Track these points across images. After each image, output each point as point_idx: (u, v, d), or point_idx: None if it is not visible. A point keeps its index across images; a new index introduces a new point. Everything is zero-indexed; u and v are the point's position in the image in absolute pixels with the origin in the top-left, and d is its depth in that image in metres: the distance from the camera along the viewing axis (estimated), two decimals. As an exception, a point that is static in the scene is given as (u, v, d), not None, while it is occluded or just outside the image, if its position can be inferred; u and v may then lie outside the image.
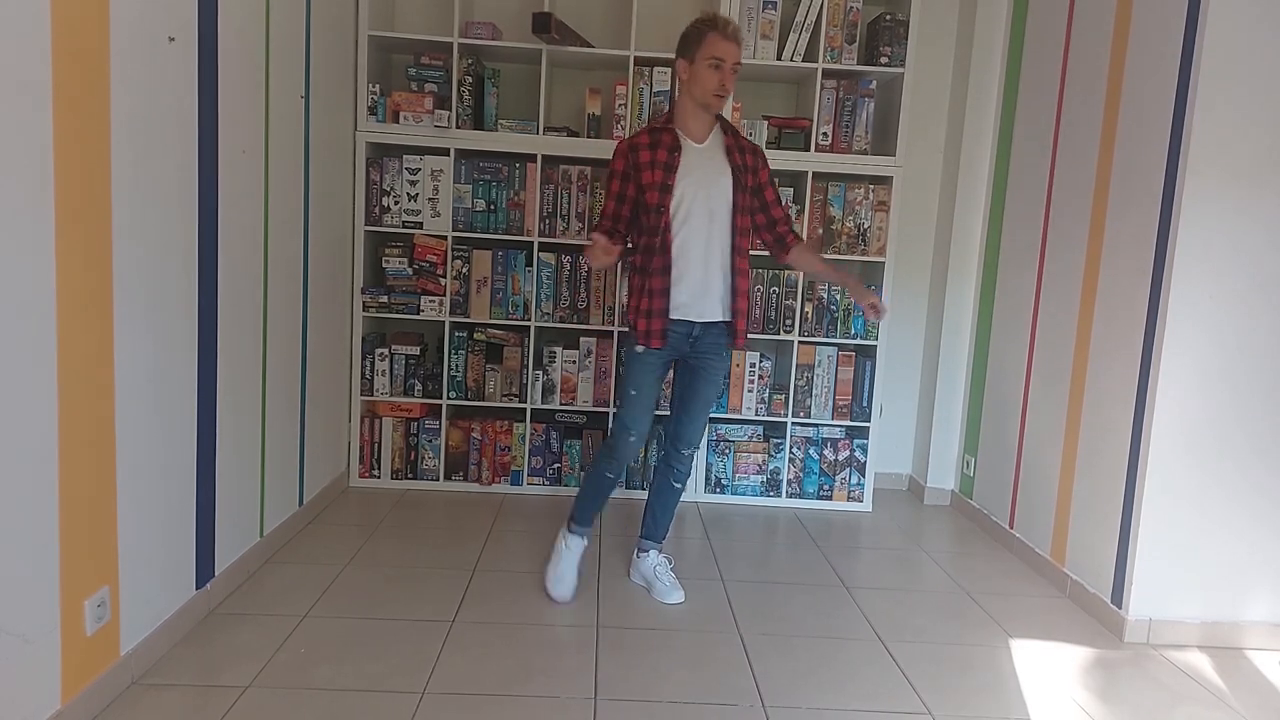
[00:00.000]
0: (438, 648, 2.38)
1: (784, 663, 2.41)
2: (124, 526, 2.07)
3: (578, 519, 2.76)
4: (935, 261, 3.99)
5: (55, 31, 1.74)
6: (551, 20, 3.36)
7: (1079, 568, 2.95)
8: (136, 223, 2.05)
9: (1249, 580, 2.67)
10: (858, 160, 3.63)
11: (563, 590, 2.71)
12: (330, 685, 2.17)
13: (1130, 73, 2.81)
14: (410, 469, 3.73)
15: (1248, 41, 2.46)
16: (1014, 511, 3.41)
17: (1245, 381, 2.59)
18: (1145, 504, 2.63)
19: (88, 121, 1.86)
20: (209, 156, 2.38)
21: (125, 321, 2.02)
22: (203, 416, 2.42)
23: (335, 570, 2.84)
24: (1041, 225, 3.31)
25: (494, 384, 3.70)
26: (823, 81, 3.58)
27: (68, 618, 1.88)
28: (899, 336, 4.02)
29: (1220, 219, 2.53)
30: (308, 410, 3.21)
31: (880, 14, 3.60)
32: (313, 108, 3.09)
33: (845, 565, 3.15)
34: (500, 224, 3.65)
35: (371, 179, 3.59)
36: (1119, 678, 2.46)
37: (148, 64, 2.07)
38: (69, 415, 1.84)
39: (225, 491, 2.57)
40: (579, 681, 2.26)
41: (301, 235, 3.07)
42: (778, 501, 3.79)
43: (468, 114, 3.57)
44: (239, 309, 2.60)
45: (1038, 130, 3.37)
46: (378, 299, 3.63)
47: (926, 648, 2.55)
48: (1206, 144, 2.49)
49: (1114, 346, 2.82)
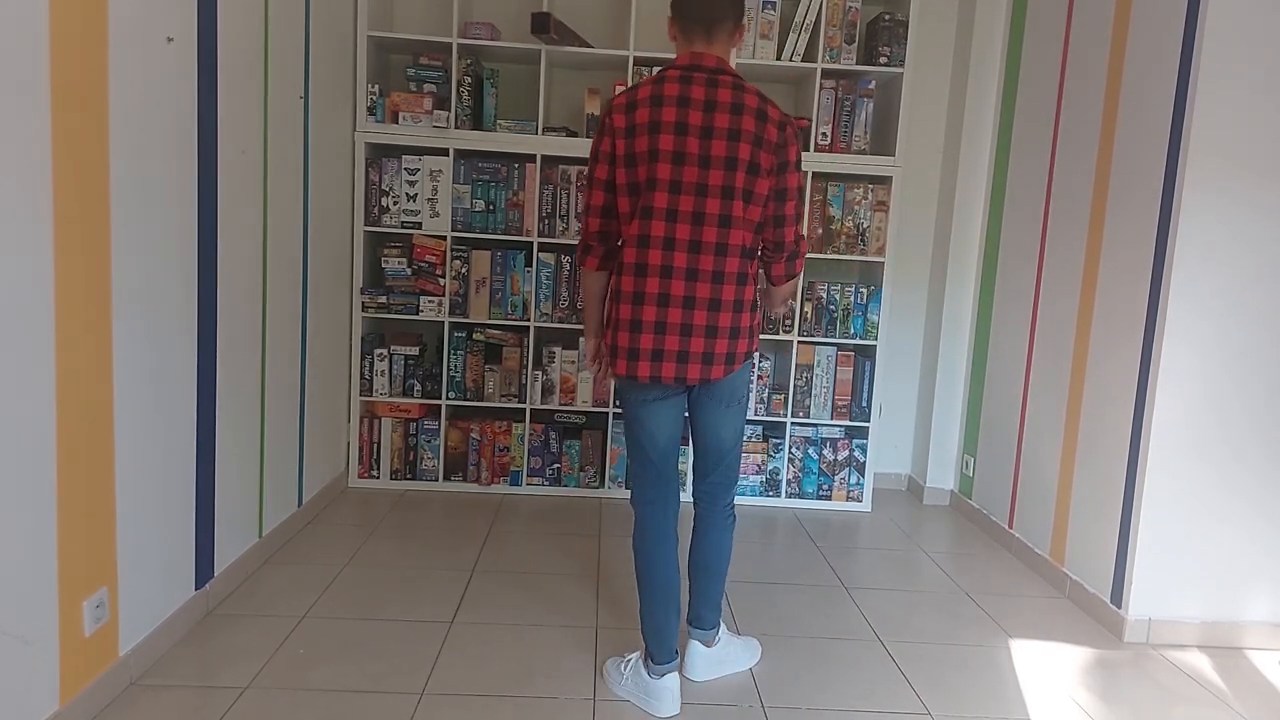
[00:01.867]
0: (437, 648, 2.38)
1: (784, 663, 2.41)
2: (123, 527, 2.07)
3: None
4: (934, 261, 3.99)
5: (54, 32, 1.74)
6: (550, 20, 3.36)
7: (1078, 567, 2.95)
8: (135, 223, 2.05)
9: (1248, 580, 2.67)
10: (857, 160, 3.63)
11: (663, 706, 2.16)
12: (330, 685, 2.17)
13: (1130, 68, 2.81)
14: (409, 469, 3.73)
15: (1248, 35, 2.46)
16: (1013, 511, 3.41)
17: (1246, 381, 2.59)
18: (1145, 504, 2.63)
19: (86, 122, 1.86)
20: (209, 156, 2.38)
21: (124, 322, 2.02)
22: (202, 417, 2.42)
23: (334, 570, 2.84)
24: (1041, 224, 3.31)
25: (493, 384, 3.70)
26: (822, 81, 3.58)
27: (66, 618, 1.88)
28: (898, 336, 4.02)
29: (1221, 214, 2.53)
30: (307, 410, 3.21)
31: (879, 14, 3.60)
32: (312, 108, 3.09)
33: (844, 565, 3.15)
34: (499, 224, 3.65)
35: (371, 179, 3.59)
36: (1118, 678, 2.46)
37: (147, 64, 2.07)
38: (67, 415, 1.84)
39: (224, 492, 2.57)
40: (579, 681, 2.26)
41: (301, 235, 3.07)
42: (777, 501, 3.79)
43: (467, 114, 3.57)
44: (238, 309, 2.60)
45: (1037, 128, 3.37)
46: (377, 299, 3.63)
47: (926, 648, 2.55)
48: (1206, 138, 2.49)
49: (1114, 345, 2.82)
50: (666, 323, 2.02)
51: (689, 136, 1.98)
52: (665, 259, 2.00)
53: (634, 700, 2.17)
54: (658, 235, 2.00)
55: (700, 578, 2.28)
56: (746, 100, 2.01)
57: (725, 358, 2.06)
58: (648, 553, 2.19)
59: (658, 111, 1.99)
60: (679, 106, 1.98)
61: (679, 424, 2.19)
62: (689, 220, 1.99)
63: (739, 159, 1.99)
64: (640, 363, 2.04)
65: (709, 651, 2.30)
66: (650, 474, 2.20)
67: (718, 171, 1.98)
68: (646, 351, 2.03)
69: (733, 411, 2.20)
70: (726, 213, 2.00)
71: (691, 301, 2.01)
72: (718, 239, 2.01)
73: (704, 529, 2.27)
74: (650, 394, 2.12)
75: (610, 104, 2.06)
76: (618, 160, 2.03)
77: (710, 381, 2.08)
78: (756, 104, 2.02)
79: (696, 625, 2.29)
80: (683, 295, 2.01)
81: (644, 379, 2.06)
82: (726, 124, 1.98)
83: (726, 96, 2.00)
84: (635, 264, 2.02)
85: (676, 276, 2.00)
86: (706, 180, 1.98)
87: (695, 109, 1.98)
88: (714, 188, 1.99)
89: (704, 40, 2.05)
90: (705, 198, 1.99)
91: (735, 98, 2.00)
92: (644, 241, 2.01)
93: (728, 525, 2.27)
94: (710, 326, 2.03)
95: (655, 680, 2.14)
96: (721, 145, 1.98)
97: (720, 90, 2.00)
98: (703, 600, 2.28)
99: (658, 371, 2.04)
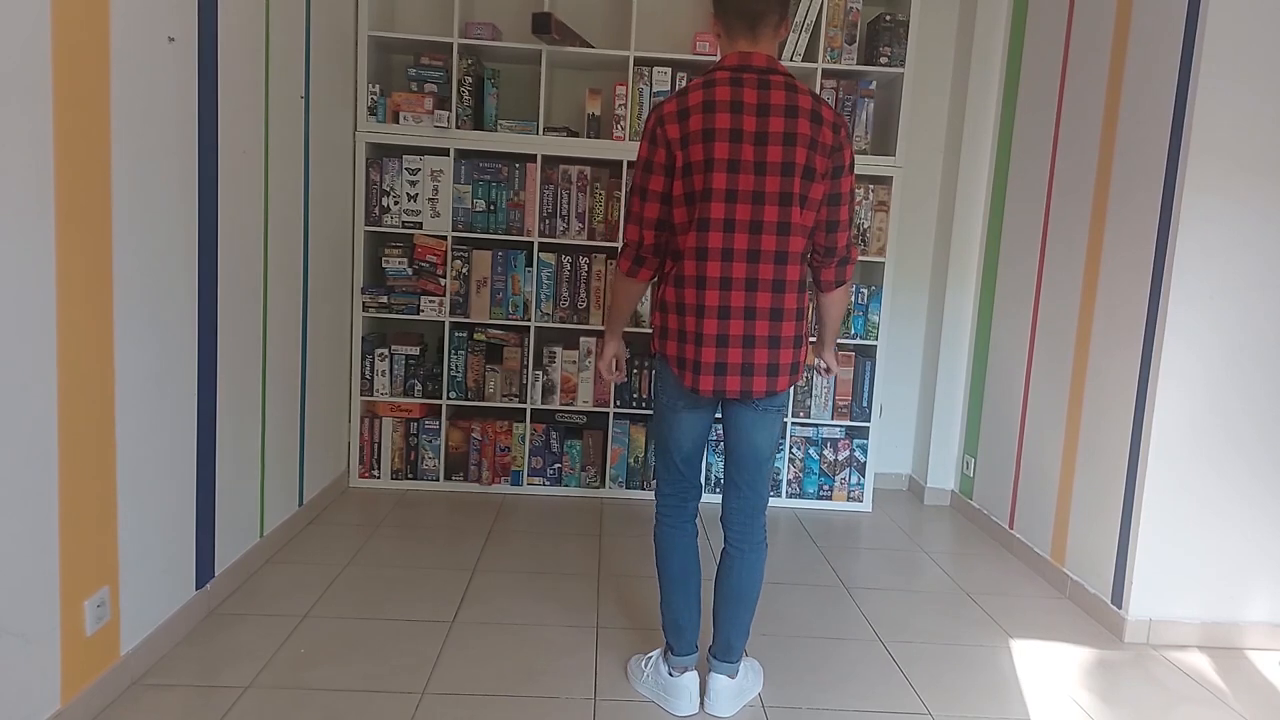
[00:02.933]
0: (438, 648, 2.38)
1: (784, 663, 2.41)
2: (124, 527, 2.07)
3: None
4: (935, 261, 3.99)
5: (55, 32, 1.74)
6: (551, 20, 3.36)
7: (1079, 568, 2.95)
8: (137, 223, 2.05)
9: (1249, 580, 2.67)
10: (857, 160, 3.61)
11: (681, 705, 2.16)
12: (330, 685, 2.17)
13: (1130, 68, 2.81)
14: (410, 469, 3.73)
15: (1249, 35, 2.46)
16: (1014, 511, 3.41)
17: (1247, 381, 2.59)
18: (1145, 504, 2.63)
19: (88, 122, 1.86)
20: (209, 156, 2.38)
21: (125, 321, 2.02)
22: (203, 416, 2.42)
23: (335, 570, 2.84)
24: (1041, 224, 3.31)
25: (494, 384, 3.70)
26: (823, 81, 3.58)
27: (68, 618, 1.88)
28: (899, 336, 4.02)
29: (1222, 214, 2.53)
30: (308, 410, 3.21)
31: (880, 14, 3.60)
32: (313, 108, 3.09)
33: (845, 565, 3.15)
34: (500, 224, 3.65)
35: (371, 179, 3.59)
36: (1119, 678, 2.46)
37: (148, 64, 2.07)
38: (69, 415, 1.84)
39: (225, 491, 2.57)
40: (579, 681, 2.26)
41: (301, 235, 3.07)
42: (777, 501, 3.79)
43: (467, 114, 3.57)
44: (239, 309, 2.60)
45: (1038, 128, 3.37)
46: (378, 299, 3.63)
47: (926, 648, 2.55)
48: (1207, 138, 2.49)
49: (1114, 345, 2.82)
50: (729, 335, 1.96)
51: (744, 144, 1.91)
52: (724, 270, 1.94)
53: (653, 698, 2.18)
54: (715, 247, 1.93)
55: (735, 606, 2.14)
56: (800, 102, 1.93)
57: (790, 368, 2.01)
58: (669, 543, 2.15)
59: (710, 118, 1.91)
60: (732, 112, 1.91)
61: (709, 428, 2.16)
62: (746, 229, 1.93)
63: (795, 164, 1.92)
64: (703, 376, 1.98)
65: (733, 684, 2.17)
66: (674, 471, 2.17)
67: (774, 178, 1.92)
68: (709, 365, 1.97)
69: (770, 418, 2.10)
70: (785, 220, 1.93)
71: (753, 312, 1.95)
72: (777, 246, 1.94)
73: (737, 555, 2.13)
74: (696, 401, 2.08)
75: (660, 112, 1.96)
76: (675, 172, 1.95)
77: (775, 394, 2.02)
78: (810, 105, 1.94)
79: (725, 658, 2.16)
80: (743, 306, 1.95)
81: (707, 393, 2.00)
82: (781, 128, 1.91)
83: (780, 99, 1.92)
84: (695, 276, 1.96)
85: (736, 288, 1.94)
86: (763, 188, 1.92)
87: (749, 114, 1.91)
88: (771, 194, 1.92)
89: (748, 37, 1.96)
90: (763, 205, 1.92)
91: (789, 99, 1.93)
92: (702, 254, 1.94)
93: (762, 551, 2.15)
94: (774, 337, 1.97)
95: (674, 679, 2.14)
96: (777, 151, 1.91)
97: (773, 92, 1.92)
98: (735, 629, 2.15)
99: (721, 386, 1.98)
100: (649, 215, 2.00)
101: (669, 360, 2.05)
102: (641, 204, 2.00)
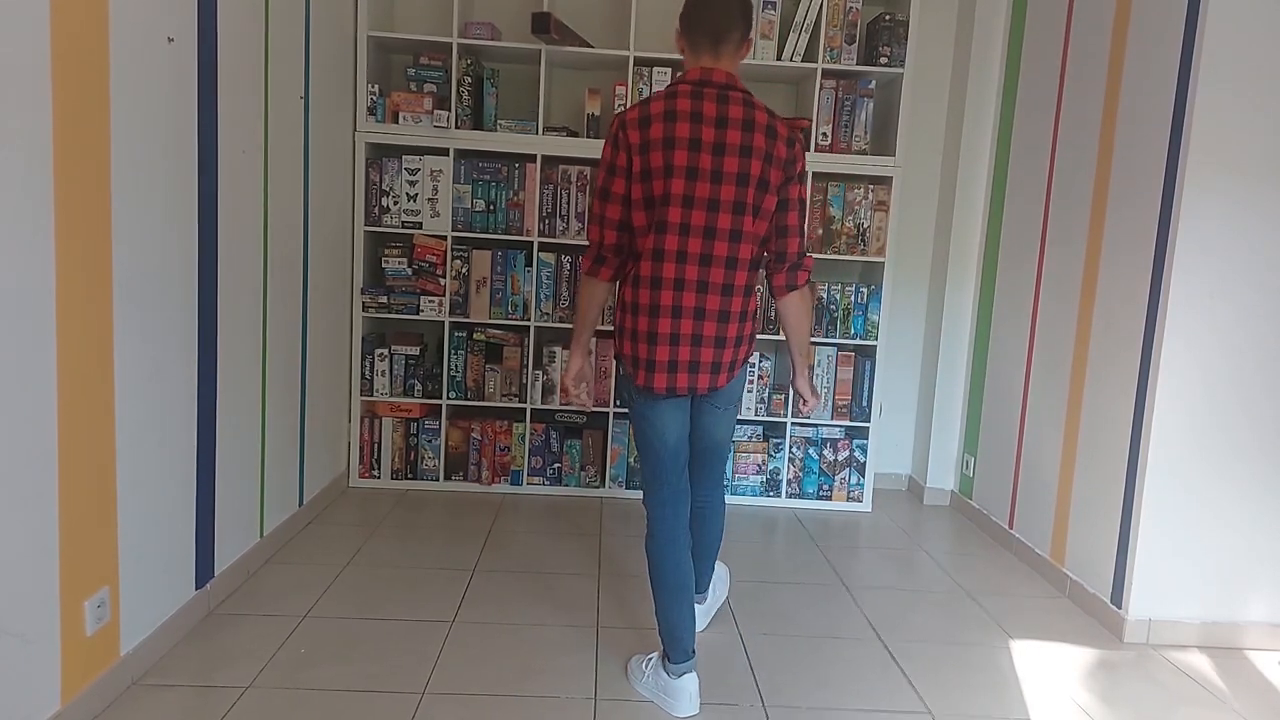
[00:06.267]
0: (438, 648, 2.38)
1: (784, 662, 2.41)
2: (124, 526, 2.07)
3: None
4: (935, 261, 3.99)
5: (55, 32, 1.74)
6: (551, 20, 3.36)
7: (1079, 568, 2.95)
8: (136, 223, 2.05)
9: (1248, 580, 2.67)
10: (857, 160, 3.63)
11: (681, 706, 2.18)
12: (331, 685, 2.17)
13: (1130, 69, 2.81)
14: (410, 469, 3.73)
15: (1249, 36, 2.46)
16: (1013, 511, 3.41)
17: (1246, 381, 2.59)
18: (1145, 504, 2.63)
19: (88, 122, 1.86)
20: (209, 156, 2.38)
21: (125, 321, 2.02)
22: (203, 416, 2.42)
23: (335, 570, 2.84)
24: (1041, 224, 3.32)
25: (494, 384, 3.70)
26: (822, 81, 3.58)
27: (68, 618, 1.88)
28: (899, 336, 4.02)
29: (1221, 213, 2.53)
30: (307, 410, 3.21)
31: (880, 14, 3.60)
32: (312, 108, 3.09)
33: (845, 565, 3.15)
34: (500, 224, 3.65)
35: (371, 179, 3.59)
36: (1119, 678, 2.46)
37: (147, 65, 2.07)
38: (68, 415, 1.84)
39: (225, 491, 2.57)
40: (579, 681, 2.26)
41: (301, 235, 3.07)
42: (777, 501, 3.79)
43: (467, 114, 3.57)
44: (239, 309, 2.60)
45: (1037, 128, 3.37)
46: (377, 299, 3.63)
47: (926, 647, 2.55)
48: (1207, 138, 2.50)
49: (1114, 345, 2.82)
50: (680, 334, 2.06)
51: (702, 153, 2.00)
52: (679, 272, 2.03)
53: (652, 698, 2.19)
54: (671, 249, 2.03)
55: (709, 551, 2.46)
56: (757, 117, 2.04)
57: (729, 365, 2.12)
58: (661, 555, 2.21)
59: (671, 127, 2.00)
60: (692, 122, 2.00)
61: (686, 422, 2.24)
62: (701, 234, 2.02)
63: (750, 175, 2.02)
64: (657, 374, 2.08)
65: (702, 608, 2.52)
66: (661, 475, 2.23)
67: (729, 187, 2.01)
68: (663, 364, 2.07)
69: (729, 413, 2.31)
70: (737, 227, 2.03)
71: (702, 313, 2.05)
72: (728, 253, 2.04)
73: (704, 517, 2.41)
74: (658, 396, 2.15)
75: (623, 118, 2.06)
76: (634, 176, 2.04)
77: (716, 390, 2.14)
78: (766, 120, 2.05)
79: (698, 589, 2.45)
80: (694, 306, 2.05)
81: (660, 391, 2.10)
82: (739, 140, 2.01)
83: (738, 114, 2.02)
84: (650, 277, 2.05)
85: (689, 289, 2.04)
86: (719, 195, 2.01)
87: (708, 125, 2.01)
88: (725, 202, 2.02)
89: (711, 54, 2.07)
90: (717, 213, 2.02)
91: (746, 114, 2.03)
92: (658, 255, 2.04)
93: (721, 509, 2.47)
94: (719, 337, 2.08)
95: (674, 680, 2.16)
96: (734, 161, 2.01)
97: (732, 107, 2.02)
98: (706, 566, 2.48)
99: (673, 383, 2.09)
100: (610, 216, 2.10)
101: (625, 360, 2.16)
102: (603, 205, 2.10)
